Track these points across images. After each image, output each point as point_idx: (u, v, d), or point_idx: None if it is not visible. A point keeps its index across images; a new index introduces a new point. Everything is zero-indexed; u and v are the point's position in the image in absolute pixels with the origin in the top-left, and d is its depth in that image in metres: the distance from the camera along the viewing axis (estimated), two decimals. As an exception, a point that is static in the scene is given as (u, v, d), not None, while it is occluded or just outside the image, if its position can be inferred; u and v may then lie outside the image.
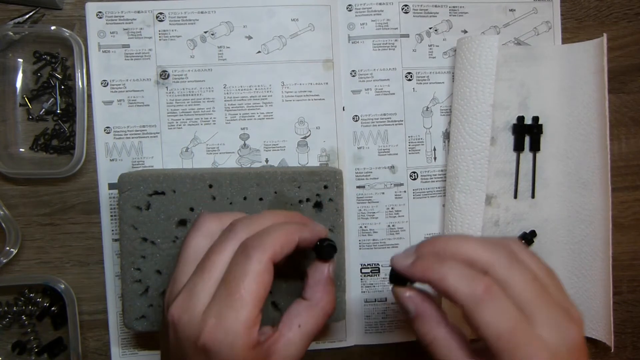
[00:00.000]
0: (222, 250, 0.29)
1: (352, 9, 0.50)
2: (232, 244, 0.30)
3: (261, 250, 0.28)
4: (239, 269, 0.28)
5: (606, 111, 0.48)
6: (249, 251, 0.28)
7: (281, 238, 0.29)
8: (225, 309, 0.27)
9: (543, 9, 0.52)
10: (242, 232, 0.30)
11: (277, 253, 0.29)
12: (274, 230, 0.30)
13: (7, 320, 0.49)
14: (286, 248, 0.30)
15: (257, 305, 0.28)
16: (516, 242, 0.31)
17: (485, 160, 0.47)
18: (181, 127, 0.49)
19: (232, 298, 0.27)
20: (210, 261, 0.29)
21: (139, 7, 0.49)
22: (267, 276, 0.28)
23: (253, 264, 0.28)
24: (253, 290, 0.27)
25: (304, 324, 0.31)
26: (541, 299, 0.28)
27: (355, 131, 0.51)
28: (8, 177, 0.48)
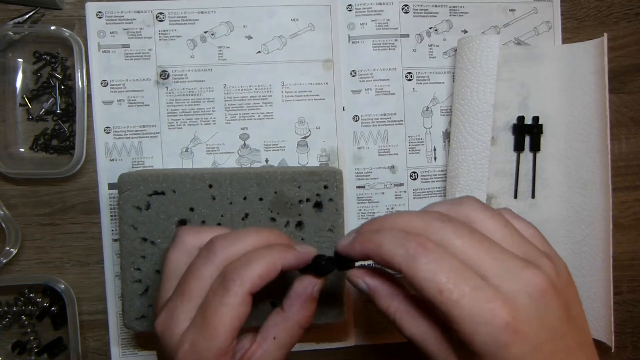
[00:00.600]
0: (200, 276, 0.30)
1: (352, 9, 0.50)
2: (210, 269, 0.30)
3: (239, 284, 0.28)
4: (216, 300, 0.28)
5: (606, 111, 0.48)
6: (227, 284, 0.29)
7: (262, 269, 0.29)
8: (199, 337, 0.28)
9: (543, 9, 0.52)
10: (220, 255, 0.30)
11: (255, 285, 0.29)
12: (255, 261, 0.29)
13: (7, 320, 0.48)
14: (266, 278, 0.29)
15: (230, 337, 0.28)
16: (470, 201, 0.29)
17: (485, 160, 0.47)
18: (181, 127, 0.49)
19: (207, 328, 0.28)
20: (190, 287, 0.30)
21: (139, 7, 0.48)
22: (243, 308, 0.29)
23: (230, 297, 0.28)
24: (227, 323, 0.28)
25: (278, 336, 0.31)
26: (484, 251, 0.26)
27: (355, 131, 0.51)
28: (8, 177, 0.48)
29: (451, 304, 0.24)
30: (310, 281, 0.32)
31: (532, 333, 0.24)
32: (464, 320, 0.24)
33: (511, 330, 0.24)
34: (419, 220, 0.28)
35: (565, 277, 0.27)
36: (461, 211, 0.28)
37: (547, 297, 0.25)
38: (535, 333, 0.24)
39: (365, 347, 0.52)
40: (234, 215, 0.43)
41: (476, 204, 0.29)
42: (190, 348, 0.28)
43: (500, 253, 0.26)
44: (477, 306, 0.24)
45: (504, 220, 0.28)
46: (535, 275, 0.25)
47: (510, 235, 0.27)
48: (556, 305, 0.25)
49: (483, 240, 0.26)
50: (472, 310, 0.24)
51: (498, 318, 0.24)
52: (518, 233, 0.28)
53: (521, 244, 0.27)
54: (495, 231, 0.27)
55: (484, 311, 0.24)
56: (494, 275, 0.25)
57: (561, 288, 0.26)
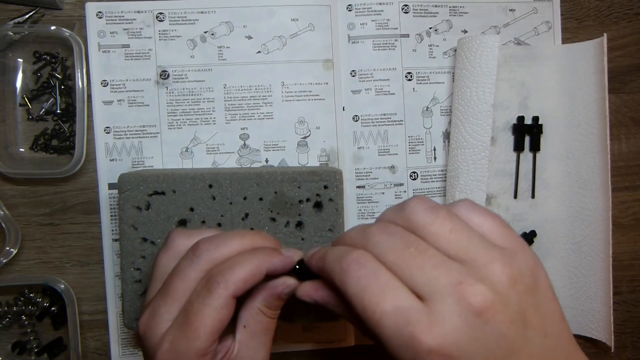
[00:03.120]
0: (185, 277, 0.30)
1: (352, 9, 0.50)
2: (194, 270, 0.30)
3: (223, 287, 0.28)
4: (199, 302, 0.29)
5: (606, 111, 0.48)
6: (211, 286, 0.29)
7: (246, 272, 0.29)
8: (180, 337, 0.28)
9: (543, 9, 0.52)
10: (205, 257, 0.30)
11: (239, 289, 0.29)
12: (239, 264, 0.29)
13: (7, 320, 0.48)
14: (250, 282, 0.29)
15: (210, 338, 0.28)
16: (412, 204, 0.27)
17: (485, 160, 0.47)
18: (181, 127, 0.49)
19: (188, 329, 0.28)
20: (174, 286, 0.30)
21: (139, 7, 0.48)
22: (226, 311, 0.29)
23: (213, 299, 0.28)
24: (208, 325, 0.28)
25: (247, 324, 0.31)
26: (416, 267, 0.24)
27: (355, 131, 0.51)
28: (8, 177, 0.48)
29: (374, 322, 0.23)
30: (283, 282, 0.31)
31: (464, 357, 0.22)
32: (386, 340, 0.23)
33: (436, 355, 0.22)
34: (361, 234, 0.27)
35: (528, 277, 0.25)
36: (404, 217, 0.27)
37: (484, 316, 0.23)
38: (469, 356, 0.23)
39: (365, 347, 0.52)
40: (234, 215, 0.43)
41: (419, 206, 0.26)
42: (170, 347, 0.29)
43: (434, 269, 0.24)
44: (397, 329, 0.23)
45: (450, 224, 0.25)
46: (471, 294, 0.23)
47: (457, 241, 0.25)
48: (500, 321, 0.23)
49: (417, 255, 0.24)
50: (392, 333, 0.23)
51: (418, 343, 0.22)
52: (468, 235, 0.25)
53: (470, 249, 0.25)
54: (438, 237, 0.25)
55: (404, 335, 0.23)
56: (425, 293, 0.23)
57: (514, 295, 0.24)
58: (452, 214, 0.26)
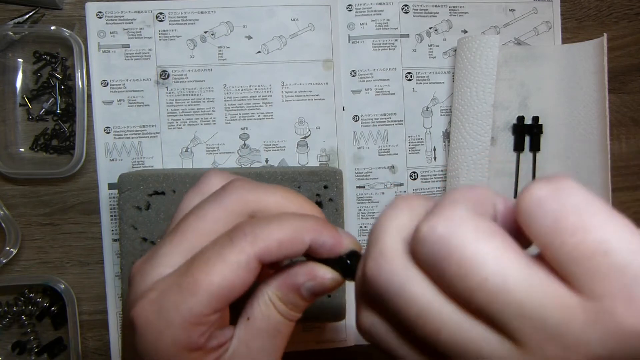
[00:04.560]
0: (203, 215, 0.23)
1: (352, 9, 0.50)
2: (217, 210, 0.23)
3: (250, 241, 0.21)
4: (214, 251, 0.21)
5: (606, 111, 0.48)
6: (235, 235, 0.21)
7: (284, 233, 0.22)
8: (173, 289, 0.21)
9: (543, 9, 0.52)
10: (234, 196, 0.23)
11: (269, 251, 0.21)
12: (277, 221, 0.22)
13: (7, 320, 0.48)
14: (286, 249, 0.22)
15: (211, 302, 0.21)
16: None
17: (485, 160, 0.47)
18: (181, 127, 0.49)
19: (187, 281, 0.21)
20: (186, 224, 0.23)
21: (139, 7, 0.48)
22: (243, 274, 0.21)
23: (232, 252, 0.21)
24: (214, 283, 0.21)
25: (253, 316, 0.24)
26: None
27: (355, 131, 0.51)
28: (8, 177, 0.48)
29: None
30: (309, 271, 0.23)
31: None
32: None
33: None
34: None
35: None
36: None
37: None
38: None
39: (365, 347, 0.52)
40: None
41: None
42: (157, 299, 0.21)
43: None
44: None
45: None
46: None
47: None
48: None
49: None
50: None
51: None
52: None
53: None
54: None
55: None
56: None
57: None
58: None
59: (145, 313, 0.21)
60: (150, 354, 0.21)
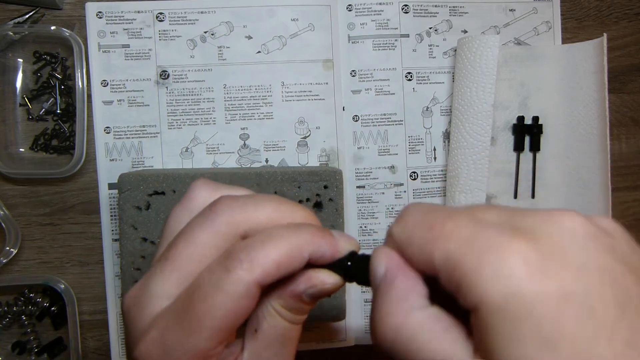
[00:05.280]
0: (193, 240, 0.22)
1: (352, 9, 0.50)
2: (207, 233, 0.22)
3: (247, 268, 0.20)
4: (210, 283, 0.21)
5: (606, 111, 0.48)
6: (230, 264, 0.21)
7: (280, 253, 0.21)
8: (174, 328, 0.21)
9: (543, 9, 0.52)
10: (224, 217, 0.22)
11: (268, 274, 0.21)
12: (273, 239, 0.21)
13: (7, 320, 0.48)
14: (285, 268, 0.21)
15: (216, 337, 0.20)
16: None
17: (485, 160, 0.47)
18: (181, 127, 0.49)
19: (187, 318, 0.20)
20: (176, 251, 0.22)
21: (139, 7, 0.48)
22: (245, 303, 0.20)
23: (230, 283, 0.20)
24: (217, 317, 0.20)
25: (260, 328, 0.23)
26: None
27: (355, 131, 0.51)
28: (8, 177, 0.48)
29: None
30: (308, 278, 0.22)
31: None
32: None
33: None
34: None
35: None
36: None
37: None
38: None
39: (365, 347, 0.52)
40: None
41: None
42: (159, 339, 0.21)
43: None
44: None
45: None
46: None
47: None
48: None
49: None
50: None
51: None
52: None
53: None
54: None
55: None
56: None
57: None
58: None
59: (150, 355, 0.21)
60: None
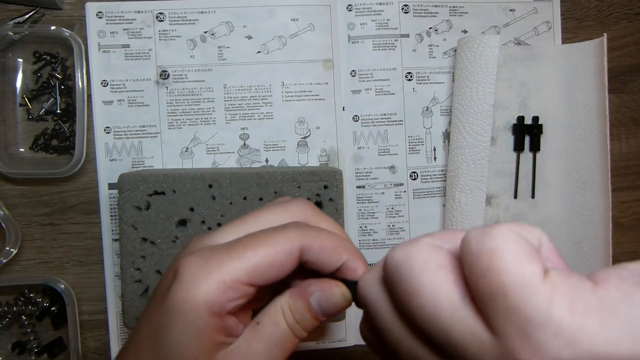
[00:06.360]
0: (269, 212, 0.26)
1: (352, 9, 0.50)
2: (282, 212, 0.26)
3: (298, 233, 0.25)
4: (266, 233, 0.24)
5: (606, 111, 0.48)
6: (288, 226, 0.25)
7: (328, 241, 0.25)
8: (222, 251, 0.24)
9: (543, 9, 0.52)
10: (298, 208, 0.27)
11: (311, 249, 0.24)
12: (328, 232, 0.25)
13: (7, 320, 0.48)
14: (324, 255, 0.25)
15: (250, 274, 0.23)
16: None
17: (485, 160, 0.47)
18: (181, 127, 0.49)
19: (235, 247, 0.24)
20: (251, 215, 0.26)
21: (139, 7, 0.48)
22: (284, 259, 0.24)
23: (280, 237, 0.24)
24: (258, 256, 0.23)
25: (262, 322, 0.25)
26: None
27: (355, 131, 0.51)
28: (8, 177, 0.48)
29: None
30: (319, 283, 0.25)
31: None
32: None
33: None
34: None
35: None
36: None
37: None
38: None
39: (365, 347, 0.52)
40: (234, 215, 0.43)
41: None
42: (205, 256, 0.24)
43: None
44: None
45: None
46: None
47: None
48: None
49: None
50: None
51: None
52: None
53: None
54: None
55: None
56: None
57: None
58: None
59: (191, 263, 0.23)
60: (182, 301, 0.23)
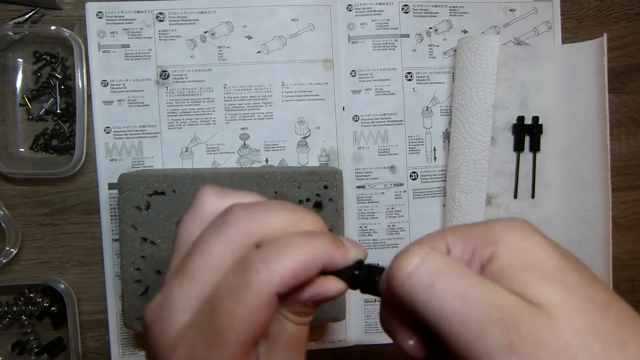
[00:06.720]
0: (209, 252, 0.22)
1: (352, 9, 0.50)
2: (222, 244, 0.22)
3: (265, 279, 0.21)
4: (231, 298, 0.21)
5: (606, 111, 0.48)
6: (248, 276, 0.21)
7: (297, 262, 0.21)
8: (201, 344, 0.21)
9: (543, 9, 0.52)
10: (237, 227, 0.22)
11: (286, 284, 0.21)
12: (289, 249, 0.21)
13: (7, 320, 0.48)
14: (301, 277, 0.21)
15: (242, 349, 0.21)
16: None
17: (485, 160, 0.47)
18: (181, 127, 0.49)
19: (213, 334, 0.21)
20: (193, 264, 0.22)
21: (139, 7, 0.48)
22: (266, 314, 0.21)
23: (250, 295, 0.21)
24: (241, 331, 0.21)
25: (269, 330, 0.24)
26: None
27: (355, 131, 0.51)
28: (8, 177, 0.48)
29: None
30: (313, 287, 0.23)
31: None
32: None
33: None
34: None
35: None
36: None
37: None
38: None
39: (365, 347, 0.52)
40: (234, 215, 0.43)
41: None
42: (188, 355, 0.22)
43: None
44: None
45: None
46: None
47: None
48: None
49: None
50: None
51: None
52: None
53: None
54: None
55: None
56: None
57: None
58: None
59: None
60: None
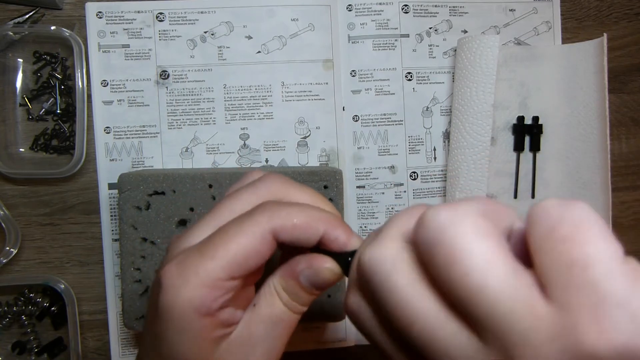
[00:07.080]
0: (237, 198, 0.26)
1: (352, 9, 0.50)
2: (250, 195, 0.26)
3: (267, 217, 0.24)
4: (234, 224, 0.24)
5: (606, 111, 0.48)
6: (255, 212, 0.24)
7: (302, 218, 0.24)
8: (195, 253, 0.24)
9: (543, 9, 0.52)
10: (267, 186, 0.26)
11: (285, 230, 0.24)
12: (298, 208, 0.24)
13: (7, 320, 0.48)
14: (300, 232, 0.24)
15: (228, 269, 0.23)
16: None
17: (485, 160, 0.47)
18: (181, 127, 0.49)
19: (207, 247, 0.23)
20: (221, 205, 0.26)
21: (139, 7, 0.48)
22: (259, 246, 0.23)
23: (249, 225, 0.23)
24: (231, 251, 0.23)
25: (258, 303, 0.26)
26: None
27: (355, 131, 0.51)
28: (8, 177, 0.48)
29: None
30: (307, 260, 0.25)
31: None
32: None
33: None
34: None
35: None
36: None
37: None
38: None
39: (365, 347, 0.52)
40: (234, 215, 0.43)
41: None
42: (181, 261, 0.24)
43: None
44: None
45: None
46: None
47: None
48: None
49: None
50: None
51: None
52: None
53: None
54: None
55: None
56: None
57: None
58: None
59: (169, 272, 0.23)
60: (169, 310, 0.23)
